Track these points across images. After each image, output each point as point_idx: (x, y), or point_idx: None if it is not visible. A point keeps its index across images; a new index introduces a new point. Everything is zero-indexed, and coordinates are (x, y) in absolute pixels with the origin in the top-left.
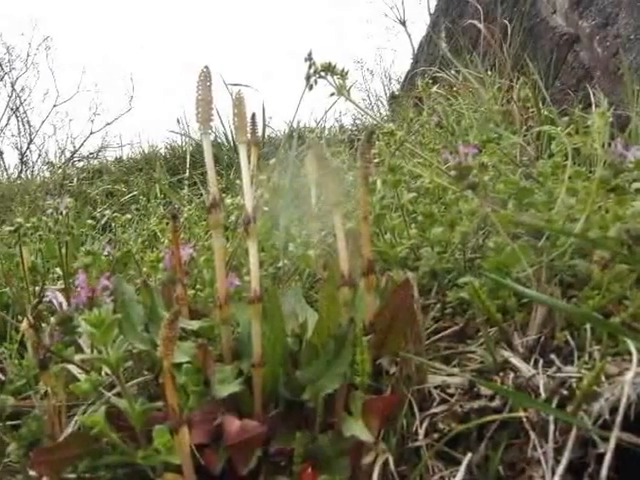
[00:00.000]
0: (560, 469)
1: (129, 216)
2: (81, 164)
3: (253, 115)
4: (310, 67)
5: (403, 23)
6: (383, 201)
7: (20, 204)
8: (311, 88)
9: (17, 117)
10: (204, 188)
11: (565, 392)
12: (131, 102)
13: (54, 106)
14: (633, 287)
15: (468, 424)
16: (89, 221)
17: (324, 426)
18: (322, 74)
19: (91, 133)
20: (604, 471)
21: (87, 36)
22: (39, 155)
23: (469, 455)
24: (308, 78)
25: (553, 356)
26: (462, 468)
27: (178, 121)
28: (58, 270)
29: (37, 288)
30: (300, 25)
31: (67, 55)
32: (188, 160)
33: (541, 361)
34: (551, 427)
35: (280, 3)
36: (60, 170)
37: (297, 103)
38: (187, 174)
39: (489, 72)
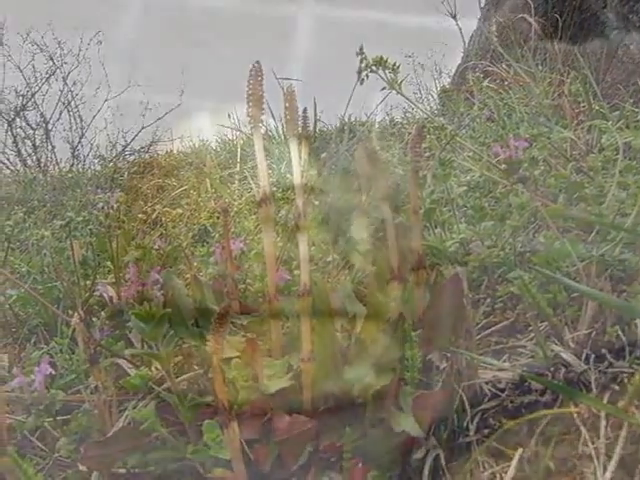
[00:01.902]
0: (611, 465)
1: (180, 210)
2: (132, 158)
3: (305, 109)
4: (361, 61)
5: (454, 17)
6: (433, 195)
7: (71, 198)
8: (362, 82)
9: (69, 111)
10: (254, 182)
11: (617, 387)
12: (182, 97)
13: (105, 100)
14: None
15: (519, 420)
16: (140, 215)
17: (374, 422)
18: (373, 68)
19: (142, 128)
20: None
21: (139, 30)
22: (90, 149)
23: (520, 450)
24: (360, 72)
25: (604, 351)
26: (513, 464)
27: (229, 115)
28: (109, 264)
29: (88, 282)
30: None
31: (119, 49)
32: (239, 154)
33: (592, 356)
34: (602, 423)
35: None
36: (111, 164)
37: (348, 97)
38: (238, 168)
39: (540, 66)
